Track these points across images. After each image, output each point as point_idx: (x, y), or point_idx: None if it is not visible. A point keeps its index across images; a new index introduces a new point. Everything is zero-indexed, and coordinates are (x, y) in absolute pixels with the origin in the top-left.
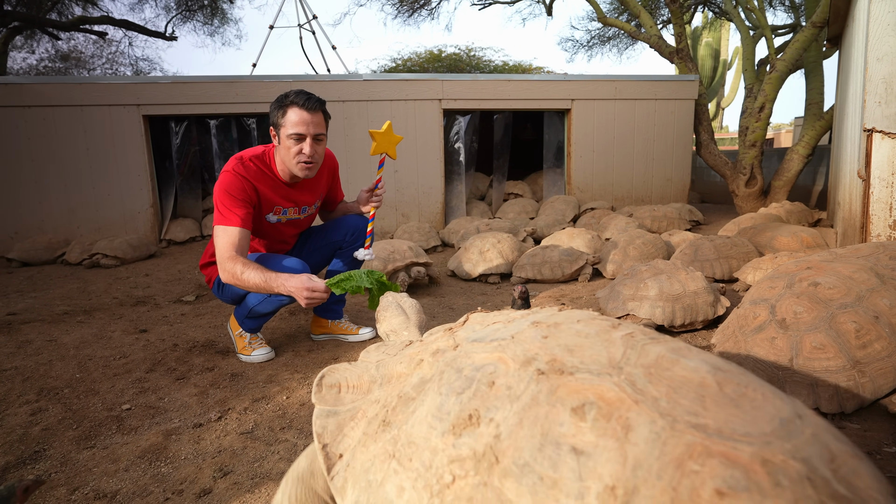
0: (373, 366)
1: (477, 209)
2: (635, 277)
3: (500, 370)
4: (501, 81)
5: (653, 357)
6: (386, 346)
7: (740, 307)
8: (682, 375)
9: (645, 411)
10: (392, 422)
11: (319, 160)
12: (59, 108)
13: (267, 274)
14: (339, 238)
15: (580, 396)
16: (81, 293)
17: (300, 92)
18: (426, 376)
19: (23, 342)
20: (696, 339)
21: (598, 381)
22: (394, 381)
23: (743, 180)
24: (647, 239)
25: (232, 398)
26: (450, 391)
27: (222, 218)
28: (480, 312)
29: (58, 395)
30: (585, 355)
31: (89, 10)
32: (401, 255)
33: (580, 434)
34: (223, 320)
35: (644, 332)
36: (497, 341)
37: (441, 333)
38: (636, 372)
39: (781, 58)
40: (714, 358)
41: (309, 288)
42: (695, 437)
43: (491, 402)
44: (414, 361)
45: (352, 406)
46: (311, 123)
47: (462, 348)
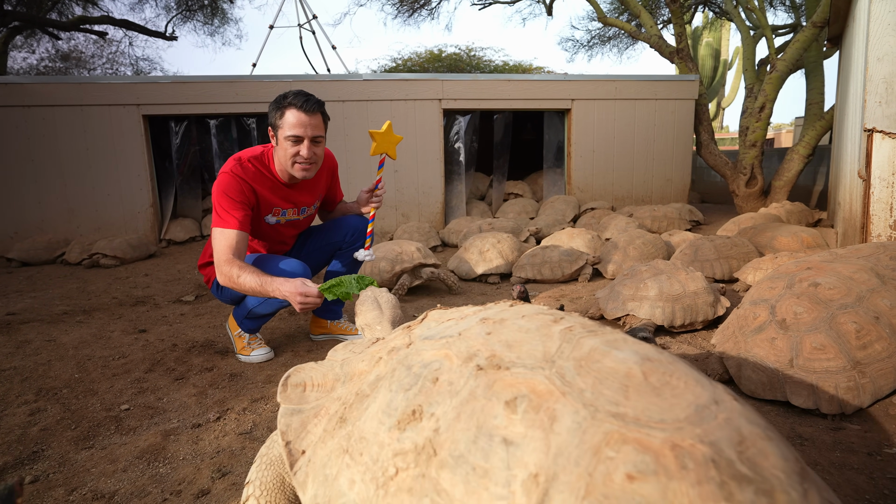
0: (338, 364)
1: (477, 209)
2: (635, 277)
3: (445, 367)
4: (501, 81)
5: (586, 350)
6: (353, 345)
7: (740, 307)
8: (610, 367)
9: (570, 402)
10: (348, 418)
11: (318, 162)
12: (60, 108)
13: (262, 278)
14: (338, 239)
15: (514, 390)
16: (81, 293)
17: (299, 93)
18: (381, 374)
19: (22, 342)
20: (696, 340)
21: (531, 374)
22: (355, 379)
23: (743, 180)
24: (647, 239)
25: (231, 398)
26: (399, 388)
27: (220, 220)
28: (439, 309)
29: (56, 395)
30: (523, 350)
31: (89, 10)
32: (409, 256)
33: (511, 426)
34: (222, 320)
35: (584, 325)
36: (445, 339)
37: (400, 331)
38: (567, 365)
39: (782, 58)
40: (648, 349)
41: (302, 293)
42: (613, 426)
43: (434, 398)
44: (374, 359)
45: (316, 404)
46: (309, 125)
47: (414, 346)
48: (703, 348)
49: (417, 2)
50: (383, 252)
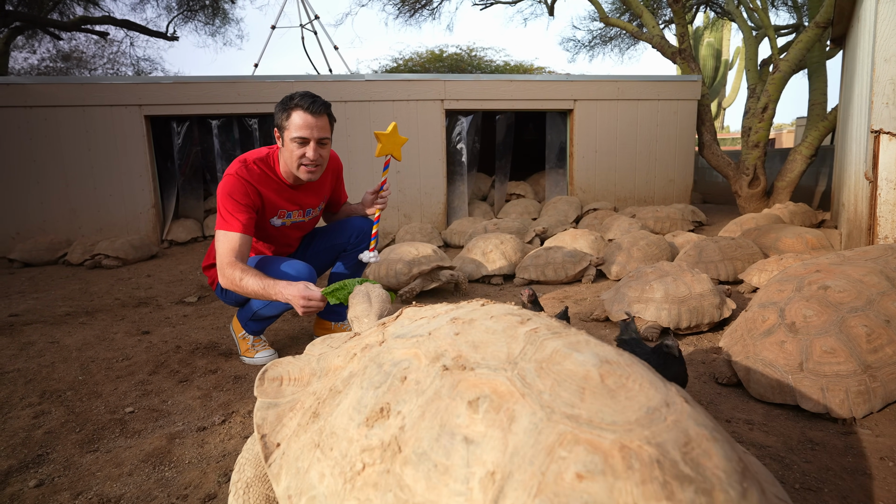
0: (315, 359)
1: (479, 210)
2: (640, 279)
3: (413, 366)
4: (504, 82)
5: (548, 352)
6: (331, 339)
7: (748, 310)
8: (570, 369)
9: (528, 404)
10: (320, 413)
11: (323, 164)
12: (62, 109)
13: (265, 281)
14: (343, 240)
15: (477, 390)
16: (83, 294)
17: (305, 94)
18: (354, 370)
19: (25, 344)
20: (701, 341)
21: (494, 375)
22: (330, 374)
23: (746, 181)
24: (650, 240)
25: (235, 401)
26: (370, 385)
27: (224, 222)
28: (413, 307)
29: (60, 397)
30: (488, 351)
31: (90, 11)
32: (426, 258)
33: (472, 425)
34: (225, 322)
35: (549, 327)
36: (416, 338)
37: (375, 328)
38: (529, 367)
39: (785, 58)
40: (608, 351)
41: (305, 297)
42: (567, 427)
43: (401, 396)
44: (349, 355)
45: (292, 398)
46: (316, 127)
47: (387, 344)
48: (709, 350)
49: (419, 2)
50: (399, 254)
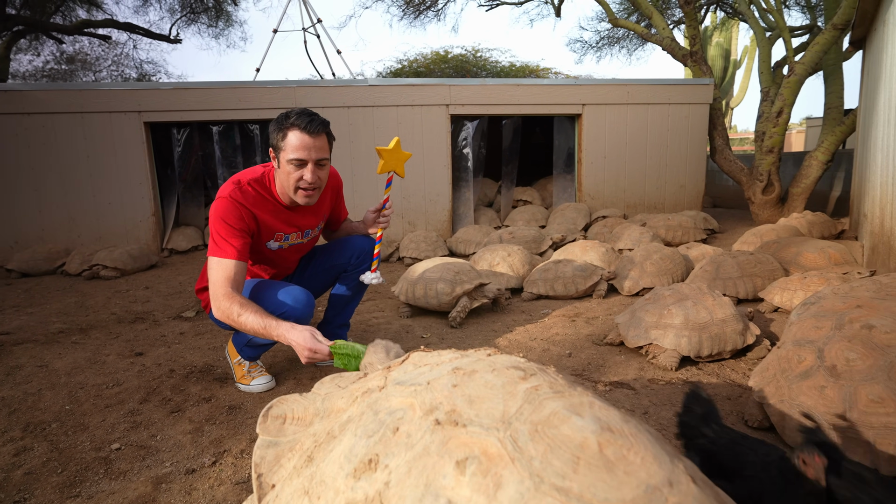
0: (320, 398)
1: (485, 217)
2: (658, 303)
3: (407, 417)
4: (510, 86)
5: (546, 413)
6: (340, 378)
7: (781, 347)
8: (566, 434)
9: (517, 470)
10: (314, 458)
11: (322, 186)
12: (59, 115)
13: (266, 320)
14: (343, 261)
15: (466, 450)
16: (79, 308)
17: (302, 112)
18: (352, 415)
19: (13, 368)
20: (724, 371)
21: (486, 435)
22: (332, 416)
23: (760, 187)
24: (664, 254)
25: (228, 437)
26: (363, 433)
27: (217, 248)
28: (421, 351)
29: (45, 430)
30: (483, 407)
31: (93, 14)
32: (467, 276)
33: (458, 487)
34: (222, 341)
35: (552, 385)
36: (414, 386)
37: (379, 372)
38: (523, 428)
39: (800, 61)
40: (613, 417)
41: (312, 349)
42: (555, 501)
43: (391, 448)
44: (352, 398)
45: (293, 437)
46: (314, 148)
47: (386, 390)
48: (732, 381)
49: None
50: (439, 272)
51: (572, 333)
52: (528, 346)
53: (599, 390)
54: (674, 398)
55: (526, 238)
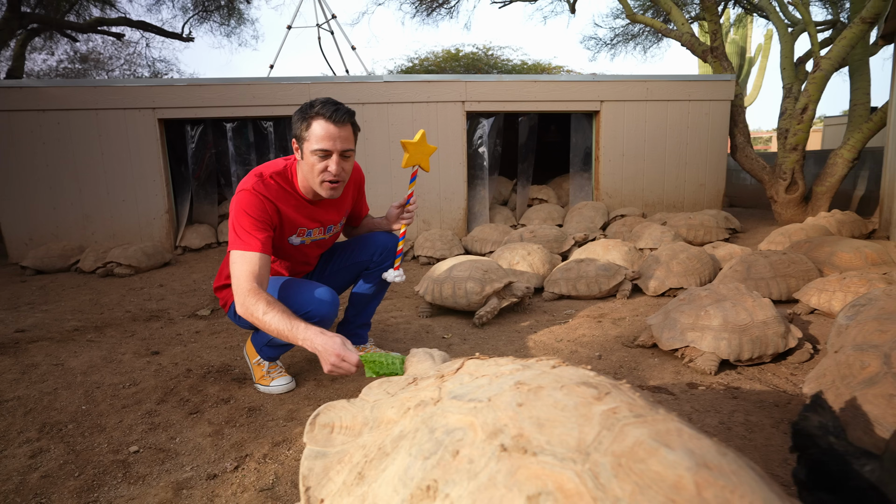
0: (368, 406)
1: (500, 215)
2: (694, 304)
3: (468, 439)
4: (527, 82)
5: (629, 443)
6: (388, 383)
7: (840, 352)
8: (656, 472)
9: None
10: (366, 476)
11: (346, 178)
12: (74, 112)
13: (292, 322)
14: (365, 258)
15: (538, 483)
16: (94, 306)
17: (327, 101)
18: (405, 430)
19: (28, 366)
20: (764, 375)
21: (561, 467)
22: (382, 427)
23: (783, 186)
24: (691, 253)
25: (250, 441)
26: (419, 453)
27: (240, 241)
28: (476, 359)
29: (61, 431)
30: (555, 433)
31: (107, 12)
32: (496, 274)
33: None
34: (239, 340)
35: (631, 407)
36: (474, 402)
37: (432, 381)
38: (604, 461)
39: (827, 55)
40: (707, 448)
41: (339, 356)
42: None
43: (451, 475)
44: (403, 409)
45: (341, 448)
46: (339, 138)
47: (442, 404)
48: (777, 386)
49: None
50: (468, 271)
51: (600, 335)
52: (555, 348)
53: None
54: (717, 404)
55: (548, 237)
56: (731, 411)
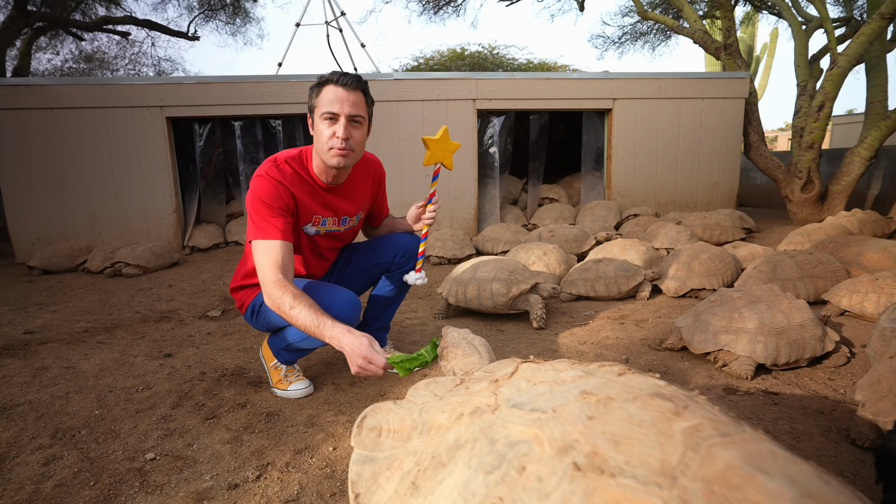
0: (417, 409)
1: (511, 215)
2: (726, 305)
3: (534, 453)
4: (539, 80)
5: (719, 467)
6: (435, 384)
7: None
8: (754, 502)
9: None
10: (420, 487)
11: (356, 149)
12: (82, 110)
13: (321, 318)
14: (387, 259)
15: None
16: (102, 307)
17: (338, 71)
18: (461, 439)
19: (38, 369)
20: (801, 379)
21: (644, 492)
22: (433, 433)
23: (798, 185)
24: (713, 253)
25: (270, 448)
26: (479, 467)
27: (259, 230)
28: (531, 363)
29: (74, 437)
30: (634, 453)
31: (112, 11)
32: (522, 275)
33: None
34: (252, 342)
35: (714, 424)
36: (537, 413)
37: (486, 385)
38: (694, 488)
39: (844, 52)
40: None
41: (366, 358)
42: None
43: (518, 494)
44: (455, 414)
45: (390, 453)
46: (347, 102)
47: (501, 413)
48: (817, 392)
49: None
50: (493, 272)
51: (624, 337)
52: (580, 351)
53: None
54: (759, 411)
55: (567, 236)
56: (775, 419)
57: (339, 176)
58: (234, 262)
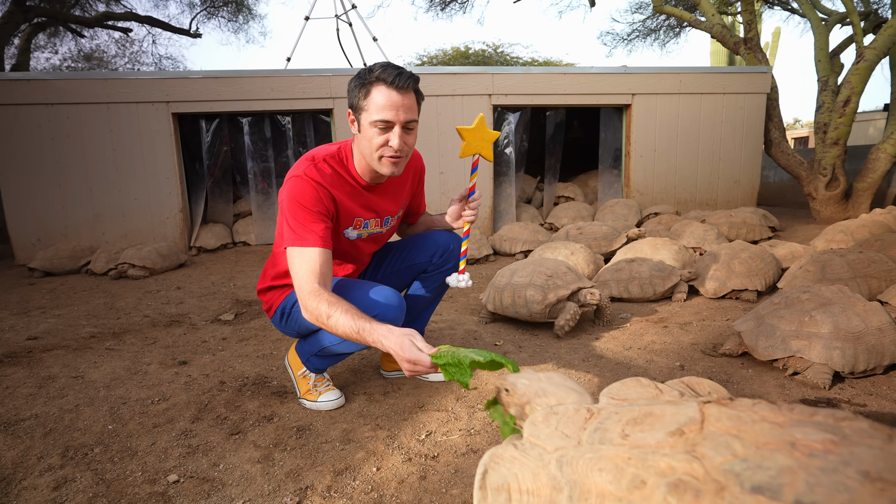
0: (552, 459)
1: (526, 213)
2: (794, 308)
3: None
4: (556, 75)
5: None
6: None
7: None
8: None
9: None
10: None
11: (409, 153)
12: (84, 106)
13: (360, 322)
14: (424, 260)
15: None
16: (109, 310)
17: (387, 65)
18: None
19: (45, 379)
20: (879, 388)
21: None
22: (589, 501)
23: (823, 182)
24: (753, 252)
25: (307, 468)
26: None
27: (296, 237)
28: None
29: (87, 456)
30: None
31: (113, 6)
32: (563, 279)
33: None
34: (271, 347)
35: None
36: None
37: (663, 436)
38: None
39: (871, 45)
40: None
41: (410, 360)
42: None
43: None
44: (625, 478)
45: None
46: (402, 108)
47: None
48: None
49: None
50: (528, 276)
51: (671, 341)
52: (627, 357)
53: None
54: None
55: (595, 234)
56: None
57: (383, 175)
58: (242, 263)
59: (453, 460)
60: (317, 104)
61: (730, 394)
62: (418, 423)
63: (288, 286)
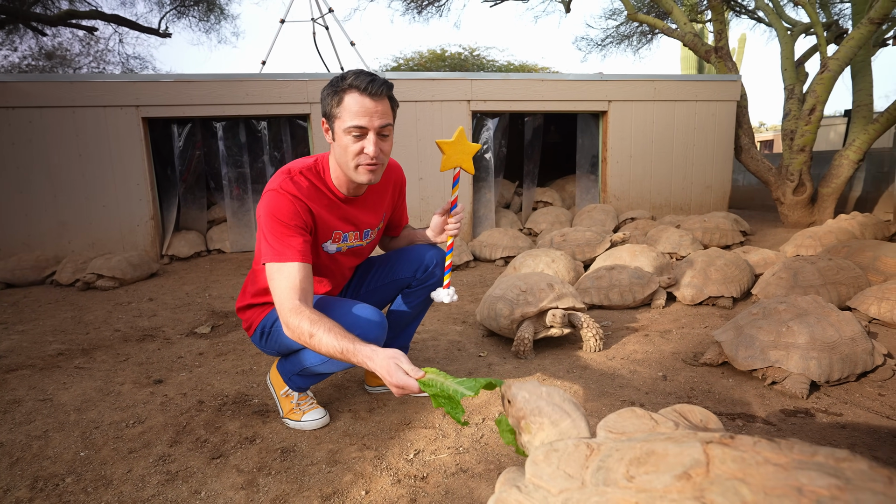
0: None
1: (505, 219)
2: (771, 318)
3: None
4: (534, 81)
5: None
6: (558, 456)
7: None
8: None
9: None
10: None
11: (385, 160)
12: (48, 110)
13: (343, 342)
14: (408, 275)
15: None
16: (77, 324)
17: (360, 72)
18: None
19: (10, 403)
20: (852, 396)
21: None
22: None
23: (790, 187)
24: (728, 259)
25: (293, 494)
26: None
27: (275, 252)
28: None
29: (58, 487)
30: None
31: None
32: (535, 296)
33: None
34: (250, 362)
35: None
36: None
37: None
38: None
39: (835, 56)
40: None
41: (398, 385)
42: None
43: None
44: None
45: None
46: (376, 114)
47: None
48: (878, 411)
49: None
50: (504, 289)
51: (653, 351)
52: (611, 368)
53: (728, 425)
54: (828, 436)
55: (579, 241)
56: (850, 445)
57: (361, 186)
58: (217, 272)
59: (443, 481)
60: (293, 109)
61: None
62: (406, 442)
63: (268, 304)
